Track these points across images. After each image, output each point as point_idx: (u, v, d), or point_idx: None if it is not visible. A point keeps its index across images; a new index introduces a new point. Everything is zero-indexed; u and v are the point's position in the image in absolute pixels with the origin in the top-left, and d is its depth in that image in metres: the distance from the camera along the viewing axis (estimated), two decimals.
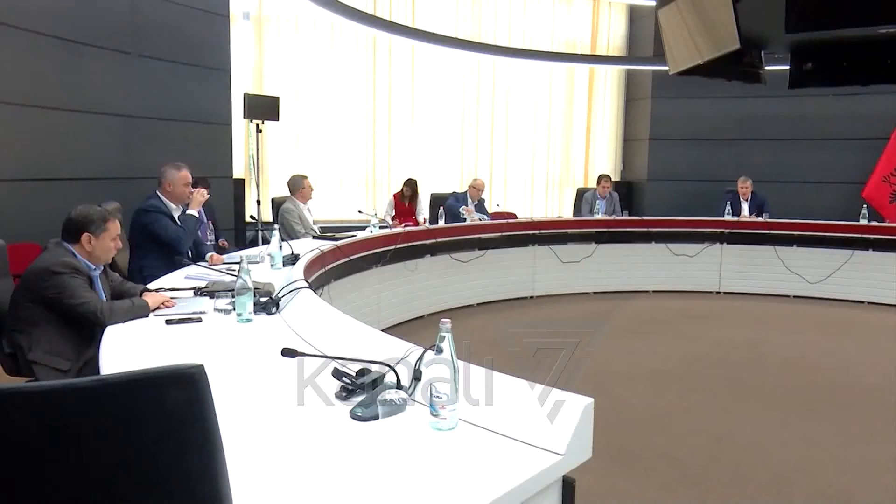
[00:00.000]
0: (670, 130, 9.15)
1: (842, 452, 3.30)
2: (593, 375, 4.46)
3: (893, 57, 5.44)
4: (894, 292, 6.69)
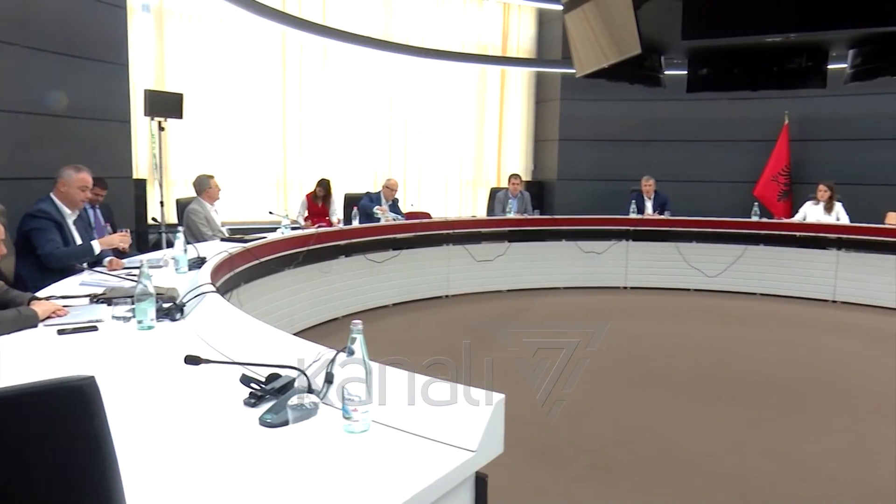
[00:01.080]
0: (579, 131, 9.44)
1: (740, 436, 3.50)
2: (506, 371, 4.53)
3: (779, 64, 5.84)
4: (784, 284, 7.18)
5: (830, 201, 7.26)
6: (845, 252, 6.94)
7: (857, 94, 7.91)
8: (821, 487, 2.96)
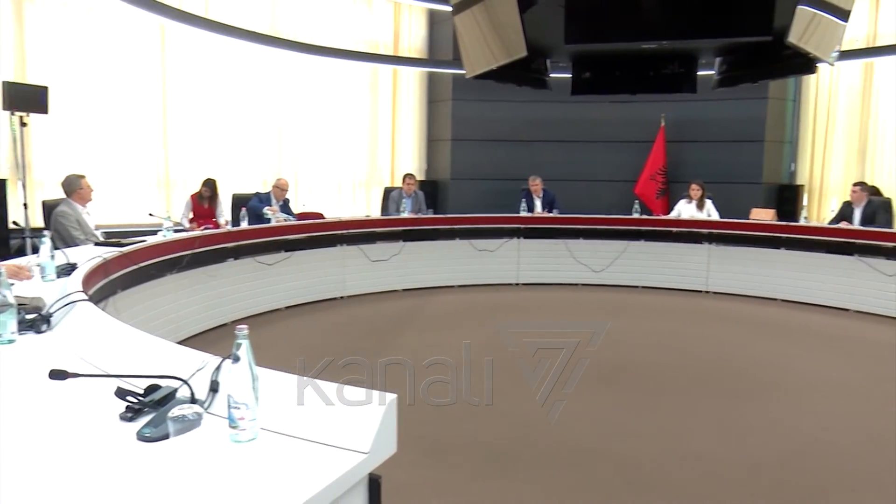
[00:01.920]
0: (471, 131, 9.59)
1: (628, 422, 3.67)
2: (403, 370, 4.53)
3: (654, 70, 6.20)
4: (662, 276, 7.63)
5: (702, 199, 7.79)
6: (716, 246, 7.47)
7: (724, 99, 8.52)
8: (701, 466, 3.16)
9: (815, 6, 4.77)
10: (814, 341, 5.51)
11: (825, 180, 9.47)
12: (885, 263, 6.31)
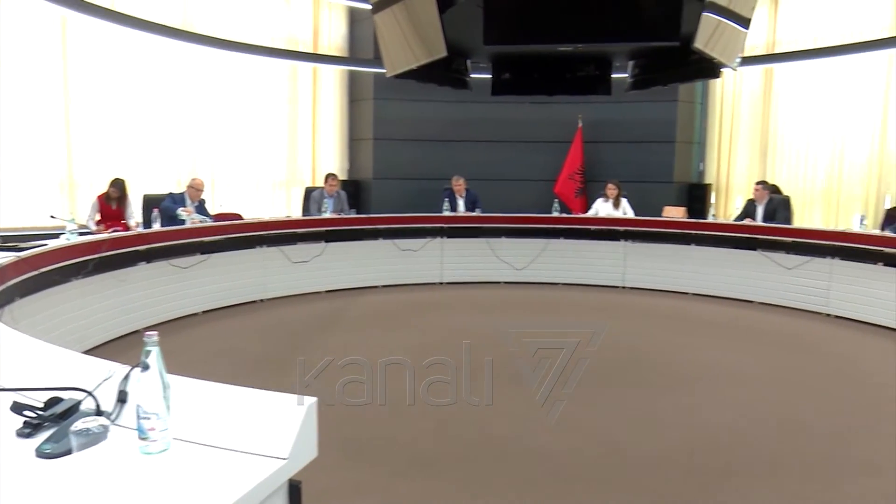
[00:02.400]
0: (393, 131, 9.56)
1: (544, 416, 3.74)
2: (326, 371, 4.46)
3: (571, 72, 6.36)
4: (581, 273, 7.84)
5: (618, 198, 8.07)
6: (631, 243, 7.74)
7: (637, 102, 8.83)
8: (618, 456, 3.27)
9: (718, 14, 5.02)
10: (721, 332, 5.79)
11: (731, 179, 10.00)
12: (786, 257, 6.71)
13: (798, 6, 9.08)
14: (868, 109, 8.55)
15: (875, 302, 5.99)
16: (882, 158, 8.48)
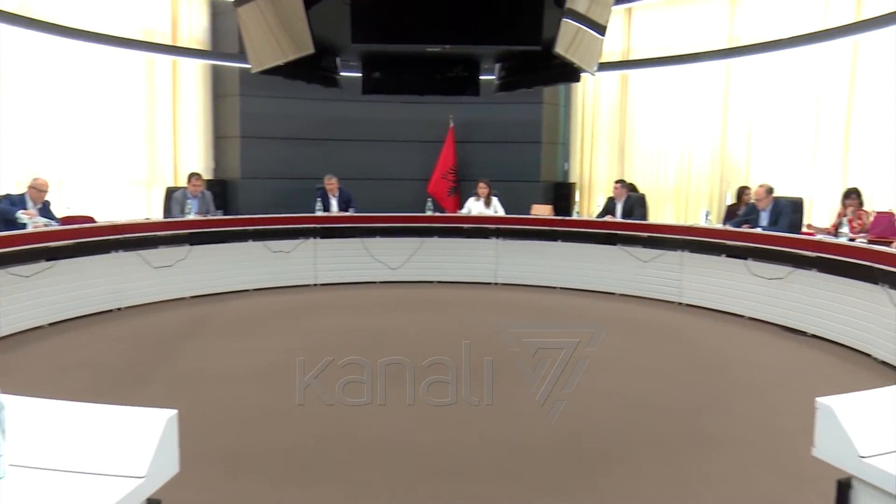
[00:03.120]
0: (261, 129, 9.23)
1: (434, 414, 3.76)
2: (196, 381, 4.24)
3: (441, 73, 6.45)
4: (456, 271, 7.97)
5: (489, 196, 8.29)
6: (502, 240, 7.98)
7: (506, 103, 9.11)
8: (494, 448, 3.34)
9: (577, 20, 5.29)
10: (587, 324, 6.09)
11: (593, 178, 10.58)
12: (643, 251, 7.18)
13: (648, 18, 9.76)
14: (711, 114, 9.35)
15: (721, 290, 6.55)
16: (723, 159, 9.30)
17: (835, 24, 7.97)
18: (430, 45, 5.49)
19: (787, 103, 8.62)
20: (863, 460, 1.25)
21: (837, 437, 1.30)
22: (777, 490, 2.90)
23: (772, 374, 4.66)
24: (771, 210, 6.47)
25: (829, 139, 8.28)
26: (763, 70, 8.82)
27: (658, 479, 3.03)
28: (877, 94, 7.84)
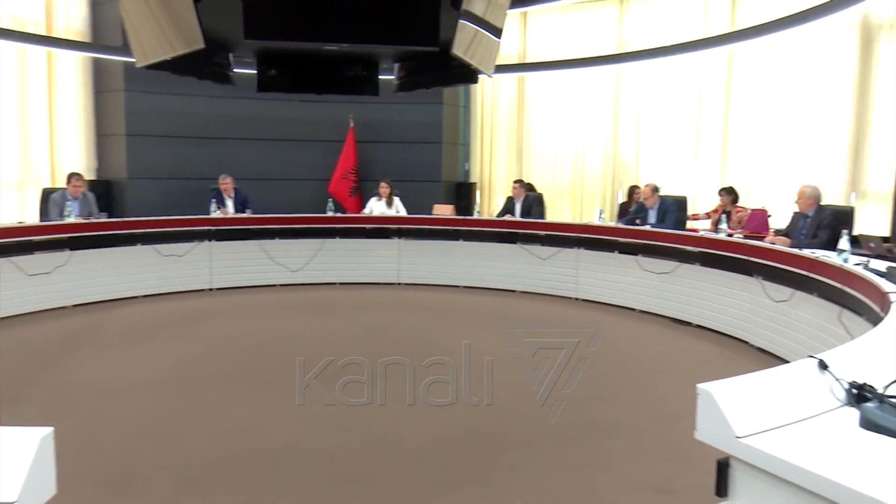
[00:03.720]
0: (150, 126, 8.78)
1: (333, 419, 3.70)
2: (78, 396, 3.97)
3: (339, 71, 6.36)
4: (358, 272, 7.89)
5: (390, 196, 8.27)
6: (405, 240, 7.98)
7: (406, 103, 9.12)
8: (391, 448, 3.33)
9: (474, 22, 5.36)
10: (486, 321, 6.20)
11: (493, 178, 10.79)
12: (541, 249, 7.39)
13: (543, 22, 10.06)
14: (602, 117, 9.77)
15: (614, 285, 6.85)
16: (615, 159, 9.74)
17: (712, 33, 8.53)
18: (327, 44, 5.39)
19: (671, 107, 9.15)
20: (739, 440, 1.34)
21: (716, 419, 1.38)
22: (666, 472, 3.06)
23: (661, 363, 4.92)
24: (658, 208, 6.83)
25: (709, 141, 8.86)
26: (649, 75, 9.31)
27: (557, 466, 3.12)
28: (750, 99, 8.47)
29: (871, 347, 2.00)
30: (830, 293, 4.29)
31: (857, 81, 7.53)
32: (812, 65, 7.85)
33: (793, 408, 1.48)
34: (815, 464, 1.23)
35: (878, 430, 1.39)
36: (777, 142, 8.22)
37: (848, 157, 7.64)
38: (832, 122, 7.73)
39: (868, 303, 3.54)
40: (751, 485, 1.34)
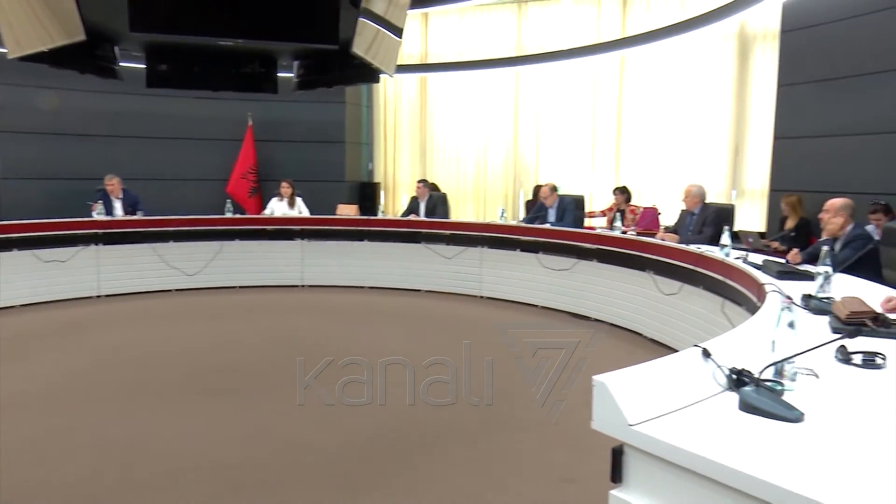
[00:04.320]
0: (24, 122, 8.14)
1: (232, 427, 3.56)
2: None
3: (235, 68, 6.14)
4: (260, 275, 7.67)
5: (292, 197, 8.08)
6: (308, 241, 7.82)
7: (308, 102, 8.96)
8: (297, 454, 3.25)
9: (374, 21, 5.33)
10: (392, 321, 6.18)
11: (397, 178, 10.78)
12: (446, 248, 7.44)
13: (444, 23, 10.15)
14: (503, 118, 9.97)
15: (517, 282, 7.00)
16: (516, 160, 9.97)
17: (606, 38, 8.91)
18: (221, 39, 5.19)
19: (568, 109, 9.47)
20: (631, 428, 1.40)
21: (610, 409, 1.44)
22: (569, 462, 3.16)
23: (562, 357, 5.07)
24: (557, 207, 7.05)
25: (604, 142, 9.24)
26: (547, 78, 9.59)
27: (465, 464, 3.15)
28: (641, 103, 8.90)
29: (748, 335, 2.15)
30: (714, 286, 4.57)
31: (735, 87, 8.08)
32: (696, 71, 8.35)
33: (680, 394, 1.56)
34: (699, 446, 1.30)
35: (755, 411, 1.49)
36: (665, 143, 8.68)
37: (728, 158, 8.18)
38: (714, 124, 8.26)
39: (747, 293, 3.80)
40: (643, 470, 1.40)
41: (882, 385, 1.79)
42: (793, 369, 1.69)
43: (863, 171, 6.29)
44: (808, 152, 6.85)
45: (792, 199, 6.72)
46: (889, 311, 2.57)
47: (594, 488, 2.83)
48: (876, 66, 6.13)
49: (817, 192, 6.50)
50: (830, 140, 6.63)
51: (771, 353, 1.74)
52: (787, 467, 1.23)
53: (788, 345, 1.71)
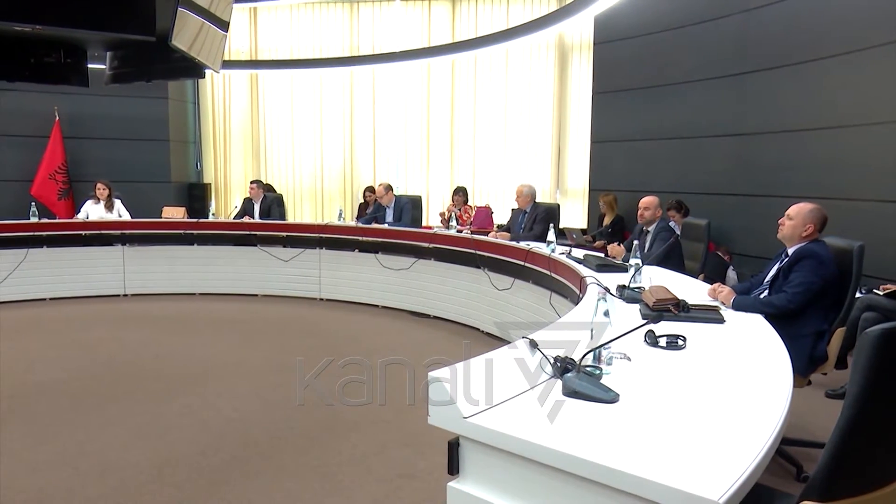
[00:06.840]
0: None
1: (40, 449, 3.21)
2: None
3: (36, 57, 5.50)
4: (75, 284, 6.97)
5: (110, 199, 7.43)
6: (131, 247, 7.23)
7: (125, 96, 8.29)
8: (116, 476, 3.00)
9: (195, 12, 5.02)
10: (228, 329, 5.91)
11: (228, 178, 10.29)
12: (282, 251, 7.23)
13: (274, 19, 9.86)
14: (339, 118, 9.88)
15: (356, 283, 6.97)
16: (353, 161, 9.93)
17: (437, 42, 9.15)
18: (18, 24, 4.61)
19: (403, 111, 9.61)
20: (465, 420, 1.45)
21: (445, 404, 1.48)
22: (407, 459, 3.20)
23: (402, 355, 5.13)
24: (394, 207, 7.12)
25: (439, 144, 9.49)
26: (381, 79, 9.66)
27: (302, 468, 3.09)
28: (472, 106, 9.26)
29: (572, 325, 2.31)
30: (542, 280, 4.87)
31: (556, 93, 8.67)
32: (521, 77, 8.84)
33: (511, 385, 1.64)
34: (526, 432, 1.38)
35: (577, 395, 1.61)
36: (496, 144, 9.10)
37: (552, 159, 8.75)
38: (539, 127, 8.80)
39: (570, 286, 4.09)
40: (478, 460, 1.46)
41: (683, 364, 2.01)
42: (609, 354, 1.85)
43: (663, 173, 7.04)
44: (619, 155, 7.53)
45: (609, 197, 7.34)
46: (714, 298, 3.00)
47: (433, 482, 2.91)
48: (675, 77, 6.88)
49: (629, 191, 7.18)
50: (638, 144, 7.33)
51: (590, 341, 1.88)
52: (604, 445, 1.34)
53: (605, 332, 1.86)
